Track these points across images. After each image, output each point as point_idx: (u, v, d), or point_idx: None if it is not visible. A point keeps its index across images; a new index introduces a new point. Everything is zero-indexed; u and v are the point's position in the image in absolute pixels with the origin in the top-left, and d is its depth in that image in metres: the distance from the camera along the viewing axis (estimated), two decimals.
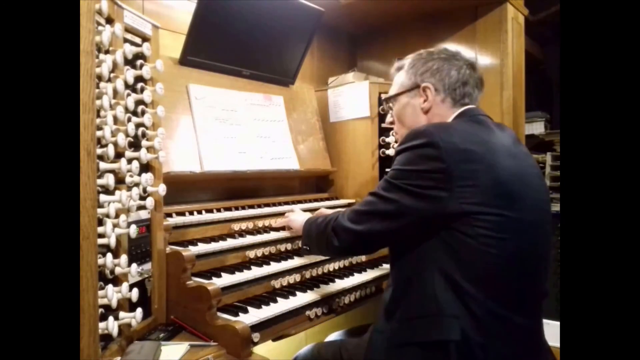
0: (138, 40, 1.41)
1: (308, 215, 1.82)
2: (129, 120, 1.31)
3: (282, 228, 1.91)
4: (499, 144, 1.30)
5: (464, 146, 1.23)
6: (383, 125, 2.35)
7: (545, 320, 1.38)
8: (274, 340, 1.49)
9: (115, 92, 1.22)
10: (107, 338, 1.19)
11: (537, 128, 4.61)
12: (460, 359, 1.19)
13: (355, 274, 1.88)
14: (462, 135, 1.27)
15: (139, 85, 1.38)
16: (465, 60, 1.48)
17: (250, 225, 1.83)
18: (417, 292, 1.29)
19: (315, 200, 2.29)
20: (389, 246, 1.46)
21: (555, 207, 3.50)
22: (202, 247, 1.59)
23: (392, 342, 1.31)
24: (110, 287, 1.14)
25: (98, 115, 1.11)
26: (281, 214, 1.95)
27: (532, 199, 1.29)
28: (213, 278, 1.51)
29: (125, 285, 1.20)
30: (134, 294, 1.24)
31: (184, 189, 1.85)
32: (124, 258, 1.21)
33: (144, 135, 1.39)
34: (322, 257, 1.84)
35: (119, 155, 1.23)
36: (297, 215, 1.84)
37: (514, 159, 1.30)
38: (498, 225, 1.21)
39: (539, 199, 1.33)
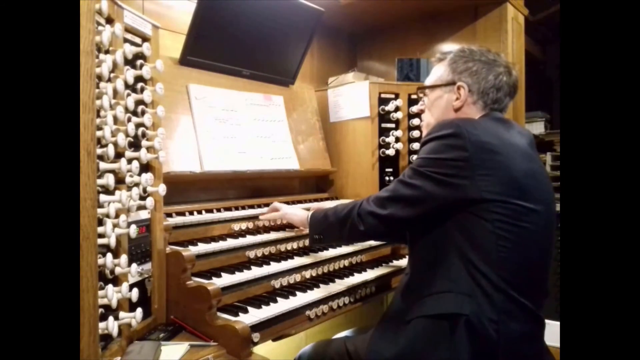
0: (138, 40, 1.41)
1: (300, 209, 1.85)
2: (129, 120, 1.31)
3: (283, 228, 1.91)
4: (516, 143, 1.37)
5: (485, 138, 1.32)
6: (383, 125, 2.36)
7: (545, 321, 1.40)
8: (274, 340, 1.49)
9: (115, 92, 1.22)
10: (107, 338, 1.19)
11: (537, 128, 4.61)
12: (470, 332, 1.25)
13: (355, 274, 1.88)
14: (484, 129, 1.36)
15: (139, 85, 1.38)
16: (505, 65, 1.51)
17: (250, 225, 1.83)
18: (433, 272, 1.36)
19: (315, 200, 2.29)
20: (411, 231, 1.52)
21: (556, 207, 3.50)
22: (202, 247, 1.58)
23: (404, 317, 1.38)
24: (110, 287, 1.14)
25: (98, 115, 1.11)
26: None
27: (542, 196, 1.36)
28: (213, 278, 1.51)
29: (125, 285, 1.20)
30: (134, 294, 1.24)
31: (184, 189, 1.85)
32: (124, 258, 1.21)
33: (144, 135, 1.38)
34: (322, 258, 1.84)
35: (119, 155, 1.23)
36: (292, 209, 1.86)
37: (529, 160, 1.37)
38: (514, 212, 1.29)
39: (549, 198, 1.41)
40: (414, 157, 2.36)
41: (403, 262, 2.08)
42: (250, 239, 1.73)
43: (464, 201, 1.30)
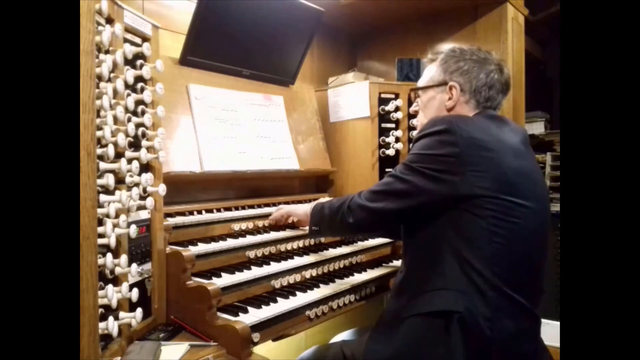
0: (138, 40, 1.41)
1: (305, 204, 1.89)
2: (129, 120, 1.31)
3: (282, 228, 1.91)
4: (507, 141, 1.38)
5: (477, 135, 1.33)
6: (383, 125, 2.36)
7: (545, 320, 1.40)
8: (274, 340, 1.49)
9: (115, 92, 1.22)
10: (107, 338, 1.19)
11: (537, 128, 4.60)
12: (464, 330, 1.25)
13: (355, 274, 1.88)
14: (476, 126, 1.37)
15: (139, 85, 1.38)
16: (497, 63, 1.52)
17: (250, 225, 1.83)
18: (427, 270, 1.37)
19: (315, 200, 2.29)
20: (402, 225, 1.54)
21: (555, 207, 3.51)
22: (202, 247, 1.59)
23: (399, 316, 1.38)
24: (110, 287, 1.14)
25: (98, 116, 1.11)
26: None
27: (535, 193, 1.37)
28: (213, 278, 1.51)
29: (125, 285, 1.20)
30: (134, 294, 1.24)
31: (184, 189, 1.85)
32: (124, 258, 1.21)
33: (144, 135, 1.39)
34: (322, 258, 1.84)
35: (119, 155, 1.23)
36: (295, 205, 1.92)
37: (521, 157, 1.38)
38: (506, 209, 1.29)
39: (542, 195, 1.42)
40: None
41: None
42: (250, 239, 1.74)
43: (455, 197, 1.30)
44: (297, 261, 1.76)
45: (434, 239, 1.36)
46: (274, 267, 1.67)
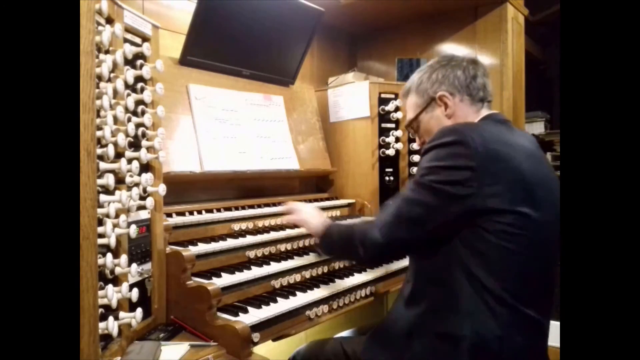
0: (138, 40, 1.41)
1: (321, 215, 1.74)
2: (129, 120, 1.31)
3: (283, 228, 1.91)
4: (521, 144, 1.34)
5: (491, 146, 1.26)
6: (383, 125, 2.36)
7: (547, 330, 1.39)
8: (274, 340, 1.49)
9: (115, 92, 1.22)
10: (107, 338, 1.19)
11: (537, 128, 4.61)
12: (472, 352, 1.23)
13: (355, 274, 1.88)
14: (489, 135, 1.30)
15: (139, 85, 1.38)
16: (463, 58, 1.53)
17: (250, 225, 1.83)
18: (437, 287, 1.33)
19: (315, 200, 2.29)
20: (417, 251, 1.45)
21: None
22: (202, 247, 1.59)
23: (406, 331, 1.36)
24: (110, 287, 1.14)
25: (98, 115, 1.11)
26: (281, 215, 1.91)
27: (550, 200, 1.32)
28: (213, 278, 1.51)
29: (125, 285, 1.20)
30: (134, 294, 1.24)
31: (184, 189, 1.85)
32: (124, 258, 1.21)
33: (144, 135, 1.39)
34: (321, 258, 1.84)
35: (119, 155, 1.23)
36: (310, 216, 1.72)
37: (536, 161, 1.34)
38: (518, 222, 1.24)
39: (556, 203, 1.34)
40: (414, 157, 2.37)
41: (403, 262, 2.07)
42: (250, 239, 1.73)
43: (469, 212, 1.24)
44: (297, 261, 1.76)
45: (445, 256, 1.30)
46: (274, 267, 1.67)
